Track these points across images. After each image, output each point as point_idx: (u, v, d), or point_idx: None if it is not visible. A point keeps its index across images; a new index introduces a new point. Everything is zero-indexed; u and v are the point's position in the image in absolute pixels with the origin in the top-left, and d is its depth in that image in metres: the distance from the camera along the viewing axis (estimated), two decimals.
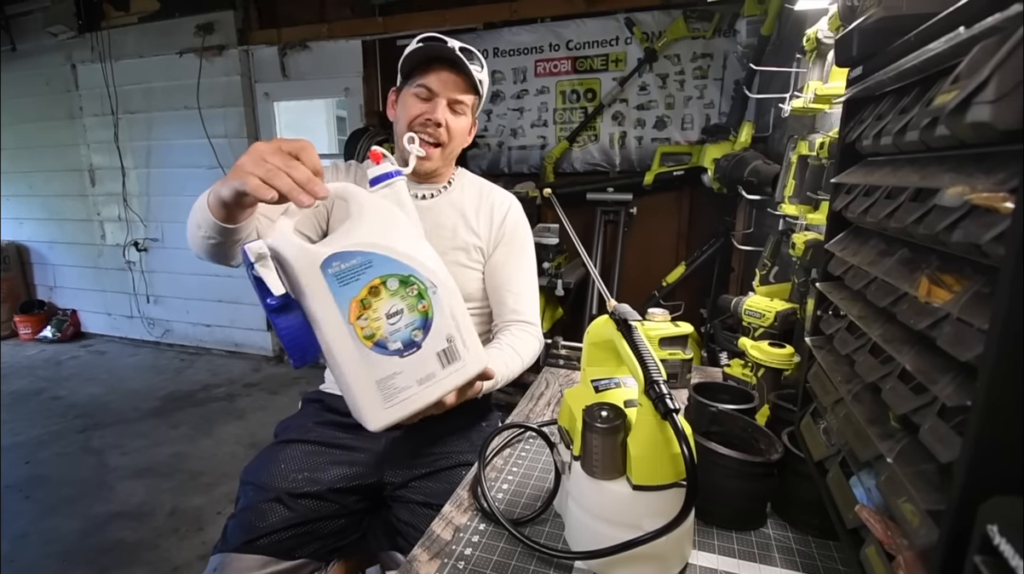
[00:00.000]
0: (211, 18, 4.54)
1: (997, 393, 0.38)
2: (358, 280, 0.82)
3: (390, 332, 0.85)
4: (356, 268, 0.82)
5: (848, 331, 0.73)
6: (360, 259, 0.82)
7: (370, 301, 0.83)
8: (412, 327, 0.86)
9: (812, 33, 1.42)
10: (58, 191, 5.56)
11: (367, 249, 0.82)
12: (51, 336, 5.61)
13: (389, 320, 0.84)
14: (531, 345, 1.44)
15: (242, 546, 1.14)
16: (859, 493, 0.61)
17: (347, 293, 0.82)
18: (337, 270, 0.81)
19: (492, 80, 4.10)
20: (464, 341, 0.91)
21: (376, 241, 0.83)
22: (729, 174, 2.84)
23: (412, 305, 0.85)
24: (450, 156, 1.45)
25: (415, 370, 0.87)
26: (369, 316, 0.83)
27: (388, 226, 0.85)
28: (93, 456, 3.36)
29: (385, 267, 0.83)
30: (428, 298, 0.86)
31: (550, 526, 0.92)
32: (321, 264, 0.81)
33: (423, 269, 0.85)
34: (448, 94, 1.35)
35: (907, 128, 0.57)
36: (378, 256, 0.82)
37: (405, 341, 0.86)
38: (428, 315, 0.86)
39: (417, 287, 0.85)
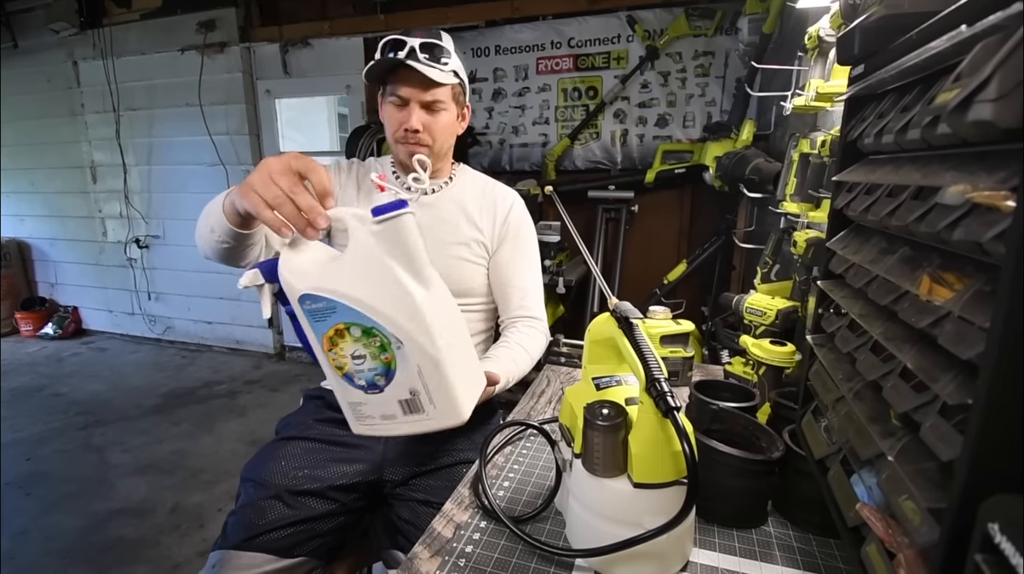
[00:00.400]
0: (213, 15, 4.54)
1: (998, 391, 0.38)
2: (326, 321, 0.85)
3: (355, 370, 0.87)
4: (323, 310, 0.84)
5: (849, 329, 0.73)
6: (326, 303, 0.83)
7: (336, 340, 0.86)
8: (374, 372, 0.87)
9: (814, 31, 1.41)
10: (59, 188, 5.57)
11: (332, 296, 0.83)
12: (52, 333, 5.62)
13: (354, 360, 0.87)
14: (538, 341, 1.47)
15: (242, 543, 1.14)
16: (860, 491, 0.61)
17: (319, 328, 0.86)
18: (309, 308, 0.84)
19: (493, 78, 4.11)
20: (431, 398, 0.89)
21: (343, 290, 0.83)
22: (731, 172, 2.84)
23: (374, 354, 0.86)
24: (441, 152, 1.45)
25: (378, 407, 0.90)
26: (337, 352, 0.86)
27: (364, 274, 0.83)
28: (94, 453, 3.37)
29: (348, 316, 0.83)
30: (391, 351, 0.85)
31: (551, 524, 0.92)
32: (299, 298, 0.84)
33: (390, 324, 0.83)
34: (419, 98, 1.36)
35: (909, 126, 0.56)
36: (341, 305, 0.83)
37: (368, 381, 0.88)
38: (391, 366, 0.86)
39: (380, 339, 0.84)
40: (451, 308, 0.97)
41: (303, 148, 5.08)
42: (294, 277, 0.85)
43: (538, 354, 1.45)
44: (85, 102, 5.16)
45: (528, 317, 1.48)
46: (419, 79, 1.32)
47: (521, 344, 1.40)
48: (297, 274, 0.85)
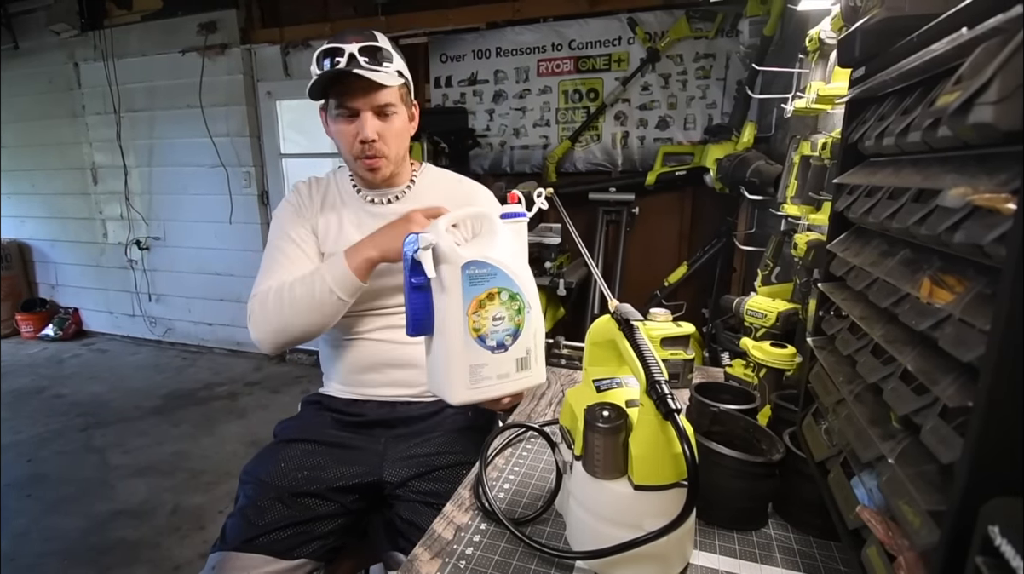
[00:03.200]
0: (214, 17, 4.54)
1: (999, 394, 0.38)
2: (483, 285, 1.00)
3: (491, 331, 1.01)
4: (485, 276, 1.00)
5: (850, 331, 0.73)
6: (490, 270, 1.00)
7: (485, 303, 1.00)
8: (507, 333, 1.03)
9: (815, 33, 1.42)
10: (60, 189, 5.56)
11: (496, 264, 1.00)
12: (53, 334, 5.62)
13: (494, 322, 1.01)
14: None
15: (241, 545, 1.14)
16: (860, 494, 0.61)
17: (473, 292, 0.99)
18: (472, 273, 0.99)
19: (494, 79, 4.12)
20: (536, 357, 1.07)
21: (504, 260, 1.01)
22: (731, 174, 2.84)
23: (512, 316, 1.02)
24: (398, 158, 1.42)
25: (498, 366, 1.03)
26: (481, 314, 1.00)
27: (514, 252, 1.05)
28: (94, 454, 3.37)
29: (504, 282, 1.01)
30: (523, 314, 1.03)
31: (551, 526, 0.92)
32: (463, 265, 0.98)
33: (527, 292, 1.04)
34: (368, 105, 1.32)
35: (909, 129, 0.57)
36: (502, 272, 1.00)
37: (499, 341, 1.02)
38: (519, 327, 1.03)
39: (519, 304, 1.03)
40: None
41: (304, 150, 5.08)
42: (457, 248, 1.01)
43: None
44: (86, 103, 5.16)
45: None
46: (365, 86, 1.29)
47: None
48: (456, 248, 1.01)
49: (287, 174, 4.82)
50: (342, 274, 1.24)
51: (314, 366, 4.66)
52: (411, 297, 1.03)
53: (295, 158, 4.88)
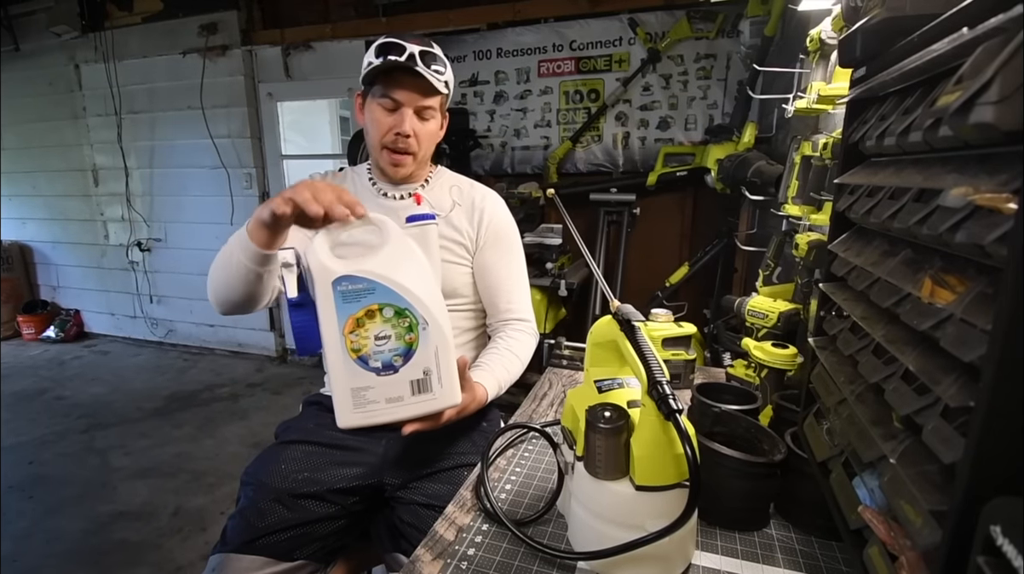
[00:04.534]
0: (215, 18, 4.55)
1: (1000, 394, 0.38)
2: (359, 302, 0.93)
3: (374, 351, 0.95)
4: (361, 291, 0.92)
5: (851, 332, 0.73)
6: (366, 284, 0.92)
7: (364, 321, 0.94)
8: (394, 353, 0.96)
9: (815, 34, 1.42)
10: (61, 191, 5.57)
11: (373, 278, 0.92)
12: (54, 336, 5.62)
13: (376, 341, 0.95)
14: (527, 344, 1.47)
15: (242, 546, 1.14)
16: (862, 494, 0.61)
17: (348, 310, 0.93)
18: (345, 289, 0.92)
19: (495, 80, 4.12)
20: (440, 378, 0.99)
21: (384, 273, 0.93)
22: (732, 175, 2.84)
23: (400, 334, 0.95)
24: (423, 160, 1.45)
25: (386, 390, 0.97)
26: (360, 333, 0.94)
27: (402, 261, 0.96)
28: (96, 456, 3.37)
29: (386, 297, 0.93)
30: (416, 332, 0.95)
31: (553, 526, 0.92)
32: (333, 281, 0.92)
33: (419, 306, 0.95)
34: (413, 103, 1.35)
35: (910, 129, 0.57)
36: (381, 286, 0.93)
37: (385, 362, 0.96)
38: (412, 346, 0.96)
39: (409, 320, 0.95)
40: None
41: (305, 151, 5.10)
42: (330, 261, 0.94)
43: (528, 357, 1.46)
44: (87, 105, 5.17)
45: (516, 319, 1.48)
46: (418, 85, 1.32)
47: (511, 349, 1.41)
48: (332, 259, 0.94)
49: (288, 175, 4.83)
50: (242, 236, 1.14)
51: (316, 367, 4.67)
52: (291, 316, 0.99)
53: (296, 159, 4.89)
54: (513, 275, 1.50)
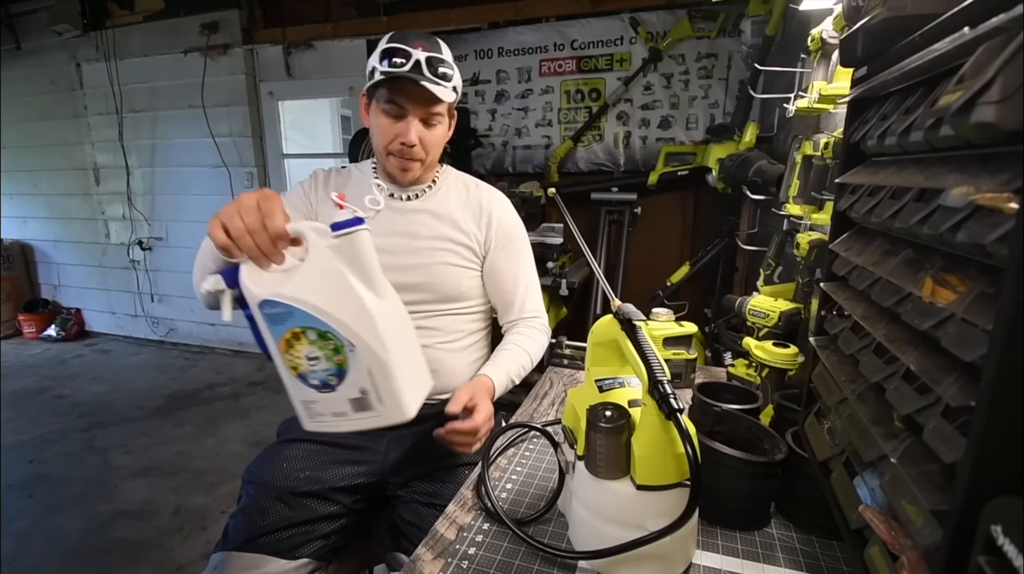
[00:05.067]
0: (216, 17, 4.55)
1: (1001, 393, 0.38)
2: (283, 324, 0.91)
3: (309, 371, 0.93)
4: (281, 315, 0.90)
5: (852, 331, 0.74)
6: (283, 309, 0.89)
7: (293, 343, 0.92)
8: (328, 373, 0.93)
9: (817, 33, 1.41)
10: (62, 190, 5.57)
11: (289, 302, 0.89)
12: (55, 335, 5.62)
13: (309, 361, 0.93)
14: (539, 341, 1.45)
15: (243, 545, 1.14)
16: (863, 493, 0.61)
17: (277, 331, 0.92)
18: (268, 312, 0.90)
19: (496, 80, 4.12)
20: (380, 397, 0.94)
21: (300, 296, 0.89)
22: (734, 174, 2.84)
23: (328, 355, 0.92)
24: (431, 163, 1.42)
25: (329, 405, 0.95)
26: (293, 354, 0.93)
27: (320, 283, 0.90)
28: (97, 455, 3.37)
29: (304, 320, 0.90)
30: (344, 354, 0.91)
31: (554, 526, 0.92)
32: (258, 304, 0.90)
33: (343, 329, 0.90)
34: (419, 112, 1.31)
35: (912, 128, 0.57)
36: (298, 310, 0.89)
37: (322, 381, 0.94)
38: (343, 367, 0.92)
39: (334, 343, 0.91)
40: (402, 315, 1.04)
41: (305, 150, 5.09)
42: (254, 284, 0.91)
43: (539, 353, 1.44)
44: (88, 104, 5.17)
45: (528, 318, 1.47)
46: (422, 94, 1.27)
47: (520, 345, 1.39)
48: (257, 282, 0.91)
49: (289, 174, 4.83)
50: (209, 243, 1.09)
51: None
52: (252, 327, 0.96)
53: (297, 158, 4.90)
54: (524, 275, 1.49)
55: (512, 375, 1.33)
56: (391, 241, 1.35)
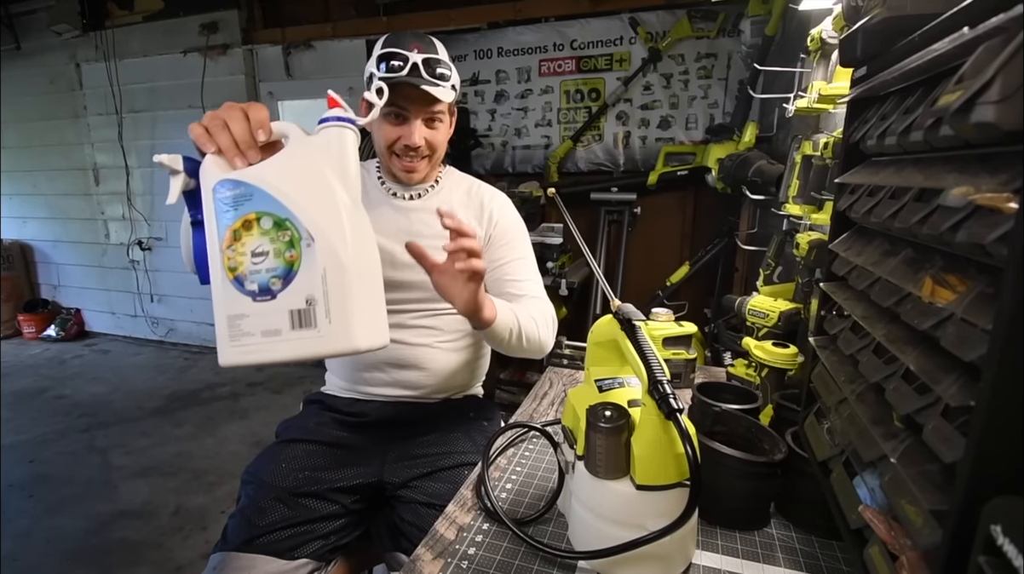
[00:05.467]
0: (215, 17, 4.55)
1: (1001, 393, 0.38)
2: (236, 210, 0.81)
3: (250, 271, 0.81)
4: (238, 198, 0.81)
5: (852, 331, 0.73)
6: (244, 190, 0.80)
7: (241, 234, 0.81)
8: (272, 274, 0.81)
9: (816, 33, 1.42)
10: (62, 190, 5.58)
11: (251, 181, 0.80)
12: (55, 335, 5.62)
13: (253, 259, 0.81)
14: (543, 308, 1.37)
15: (242, 545, 1.14)
16: (863, 493, 0.61)
17: (226, 219, 0.81)
18: (223, 196, 0.81)
19: (496, 80, 4.12)
20: (328, 311, 0.81)
21: (266, 177, 0.81)
22: (733, 174, 2.84)
23: (279, 250, 0.80)
24: (435, 161, 1.42)
25: (261, 320, 0.82)
26: (237, 248, 0.81)
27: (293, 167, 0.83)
28: (97, 455, 3.37)
29: (263, 204, 0.80)
30: (299, 248, 0.80)
31: (554, 526, 0.92)
32: (213, 186, 0.82)
33: (305, 217, 0.80)
34: (421, 113, 1.31)
35: (911, 128, 0.57)
36: (259, 191, 0.80)
37: (262, 285, 0.81)
38: (294, 267, 0.81)
39: (291, 234, 0.80)
40: (370, 240, 0.92)
41: None
42: (217, 166, 0.84)
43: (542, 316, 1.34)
44: (88, 104, 5.17)
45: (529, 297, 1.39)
46: (422, 96, 1.27)
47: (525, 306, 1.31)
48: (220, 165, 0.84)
49: None
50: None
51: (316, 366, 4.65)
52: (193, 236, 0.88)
53: None
54: (524, 265, 1.46)
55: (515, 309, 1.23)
56: (393, 240, 1.35)
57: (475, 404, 1.51)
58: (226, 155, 0.86)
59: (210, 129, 0.87)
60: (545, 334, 1.33)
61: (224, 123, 0.87)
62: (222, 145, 0.86)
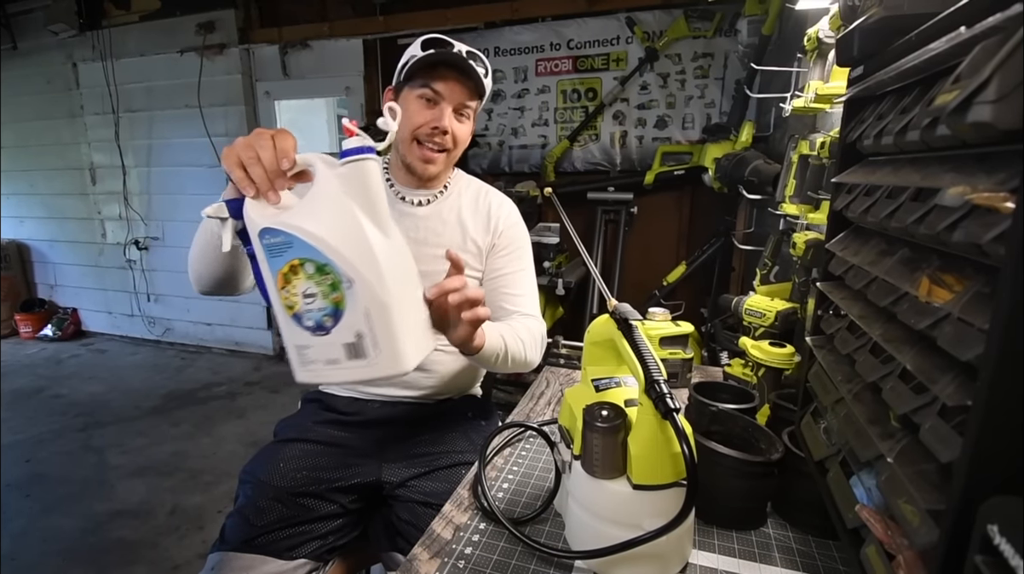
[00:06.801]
0: (212, 17, 4.54)
1: (997, 393, 0.38)
2: (282, 256, 0.85)
3: (304, 310, 0.87)
4: (281, 245, 0.85)
5: (849, 331, 0.73)
6: (284, 238, 0.84)
7: (291, 277, 0.86)
8: (323, 312, 0.86)
9: (813, 33, 1.42)
10: (59, 190, 5.57)
11: (289, 230, 0.84)
12: (52, 334, 5.61)
13: (305, 299, 0.86)
14: (532, 327, 1.37)
15: (240, 545, 1.14)
16: (859, 493, 0.61)
17: (275, 264, 0.86)
18: (268, 243, 0.85)
19: (493, 79, 4.11)
20: (376, 342, 0.87)
21: (301, 224, 0.83)
22: (730, 173, 2.84)
23: (325, 292, 0.85)
24: (453, 160, 1.42)
25: (322, 351, 0.88)
26: (289, 290, 0.86)
27: (324, 211, 0.85)
28: (94, 454, 3.37)
29: (303, 251, 0.84)
30: (341, 291, 0.85)
31: (550, 525, 0.92)
32: (258, 233, 0.85)
33: (342, 262, 0.84)
34: (455, 100, 1.31)
35: (908, 128, 0.57)
36: (298, 239, 0.83)
37: (317, 322, 0.87)
38: (340, 306, 0.85)
39: (332, 278, 0.84)
40: (408, 262, 0.96)
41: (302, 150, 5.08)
42: (256, 212, 0.87)
43: (532, 340, 1.34)
44: (84, 104, 5.16)
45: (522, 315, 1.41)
46: (461, 82, 1.29)
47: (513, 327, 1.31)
48: (260, 211, 0.87)
49: None
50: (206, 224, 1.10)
51: None
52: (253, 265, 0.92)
53: None
54: (523, 279, 1.46)
55: (503, 333, 1.22)
56: None
57: (473, 404, 1.51)
58: (261, 191, 0.89)
59: (245, 163, 0.88)
60: (532, 355, 1.33)
61: (257, 156, 0.88)
62: (256, 180, 0.88)
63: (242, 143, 0.90)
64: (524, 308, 1.41)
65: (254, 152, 0.88)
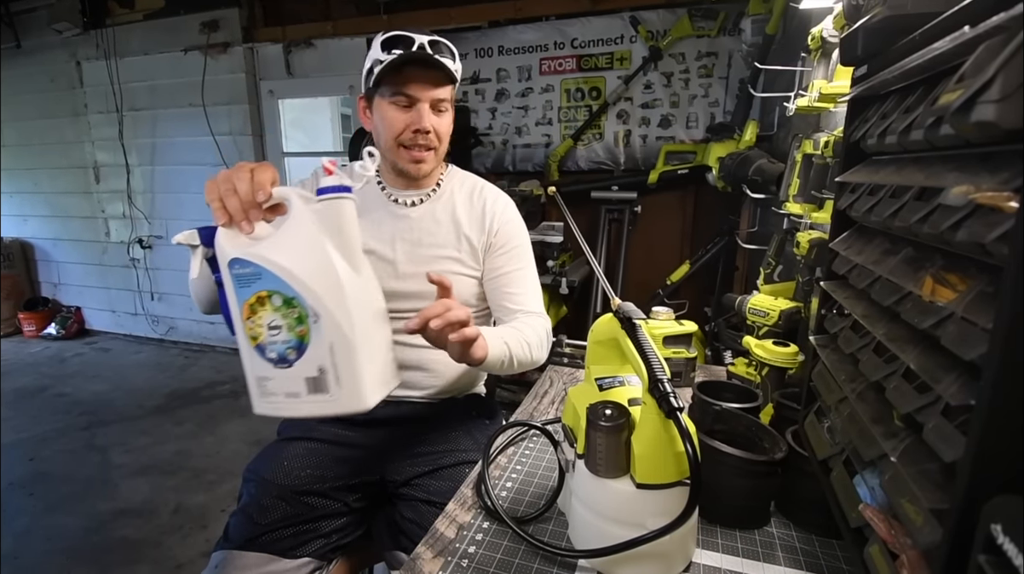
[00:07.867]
0: (216, 15, 4.54)
1: (1001, 392, 0.38)
2: (250, 286, 0.86)
3: (268, 342, 0.87)
4: (250, 276, 0.86)
5: (852, 330, 0.73)
6: (253, 269, 0.85)
7: (257, 308, 0.86)
8: (287, 345, 0.87)
9: (817, 32, 1.41)
10: (62, 188, 5.58)
11: (258, 262, 0.85)
12: (55, 333, 5.63)
13: (270, 331, 0.87)
14: (537, 327, 1.35)
15: (244, 543, 1.14)
16: (863, 492, 0.61)
17: (243, 294, 0.87)
18: (237, 273, 0.86)
19: (496, 78, 4.12)
20: (339, 378, 0.88)
21: (271, 257, 0.85)
22: (734, 173, 2.84)
23: (291, 325, 0.86)
24: (442, 154, 1.40)
25: (283, 383, 0.89)
26: (255, 320, 0.87)
27: (295, 245, 0.86)
28: (97, 453, 3.37)
29: (271, 283, 0.85)
30: (307, 325, 0.85)
31: (554, 524, 0.92)
32: (228, 262, 0.86)
33: (310, 296, 0.84)
34: (429, 97, 1.29)
35: (912, 127, 0.56)
36: (267, 271, 0.84)
37: (280, 354, 0.87)
38: (304, 340, 0.86)
39: (298, 311, 0.85)
40: (377, 300, 0.98)
41: (306, 149, 5.09)
42: (228, 242, 0.88)
43: (537, 340, 1.33)
44: (88, 102, 5.17)
45: (526, 313, 1.40)
46: (431, 77, 1.27)
47: (515, 327, 1.31)
48: (231, 241, 0.88)
49: (289, 173, 4.82)
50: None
51: None
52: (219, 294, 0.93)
53: (297, 156, 4.89)
54: (524, 277, 1.44)
55: (507, 339, 1.21)
56: (393, 248, 1.35)
57: (477, 402, 1.51)
58: (235, 221, 0.89)
59: (223, 194, 0.90)
60: (538, 354, 1.32)
61: (234, 188, 0.89)
62: (231, 210, 0.89)
63: (223, 175, 0.92)
64: (527, 306, 1.41)
65: (231, 184, 0.90)
